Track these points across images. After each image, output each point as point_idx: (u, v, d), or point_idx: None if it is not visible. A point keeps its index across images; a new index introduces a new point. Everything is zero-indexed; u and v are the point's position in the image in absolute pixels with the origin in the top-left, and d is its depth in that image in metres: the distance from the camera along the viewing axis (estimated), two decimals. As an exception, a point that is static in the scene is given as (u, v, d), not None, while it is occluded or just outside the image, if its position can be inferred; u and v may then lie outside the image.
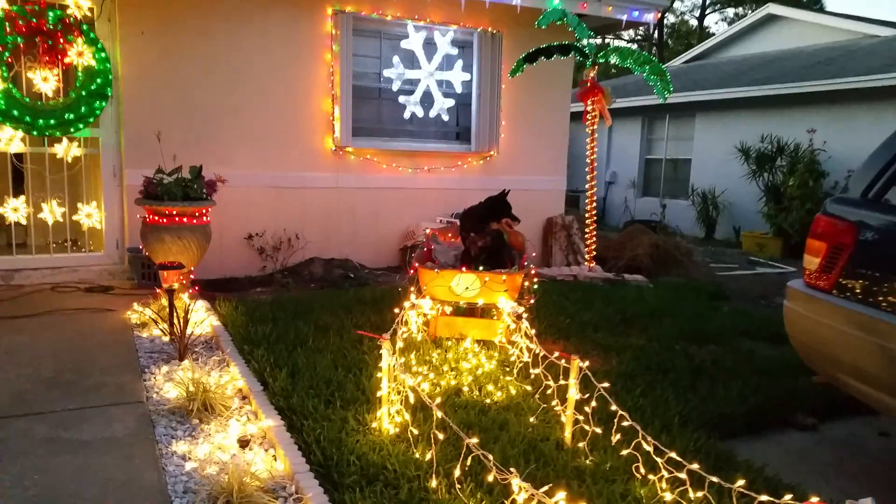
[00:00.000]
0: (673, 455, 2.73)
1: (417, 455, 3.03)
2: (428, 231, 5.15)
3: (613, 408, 3.07)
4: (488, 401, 3.75)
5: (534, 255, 4.70)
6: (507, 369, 4.19)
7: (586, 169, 7.55)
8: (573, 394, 3.24)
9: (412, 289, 4.53)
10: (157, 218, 5.51)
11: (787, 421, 3.97)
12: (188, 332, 4.43)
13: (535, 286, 4.61)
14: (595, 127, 7.39)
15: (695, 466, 2.64)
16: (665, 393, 3.99)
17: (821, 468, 3.47)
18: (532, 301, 4.49)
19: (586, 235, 7.50)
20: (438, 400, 2.87)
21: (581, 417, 3.25)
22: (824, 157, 11.48)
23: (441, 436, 2.84)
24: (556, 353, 3.43)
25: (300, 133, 7.23)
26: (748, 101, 13.21)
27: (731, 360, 4.74)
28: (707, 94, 13.95)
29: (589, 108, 7.35)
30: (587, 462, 3.10)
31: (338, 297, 5.86)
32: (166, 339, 4.67)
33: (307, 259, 7.24)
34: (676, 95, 14.83)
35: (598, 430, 3.19)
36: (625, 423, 3.00)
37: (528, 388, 3.86)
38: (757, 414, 3.90)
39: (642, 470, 2.91)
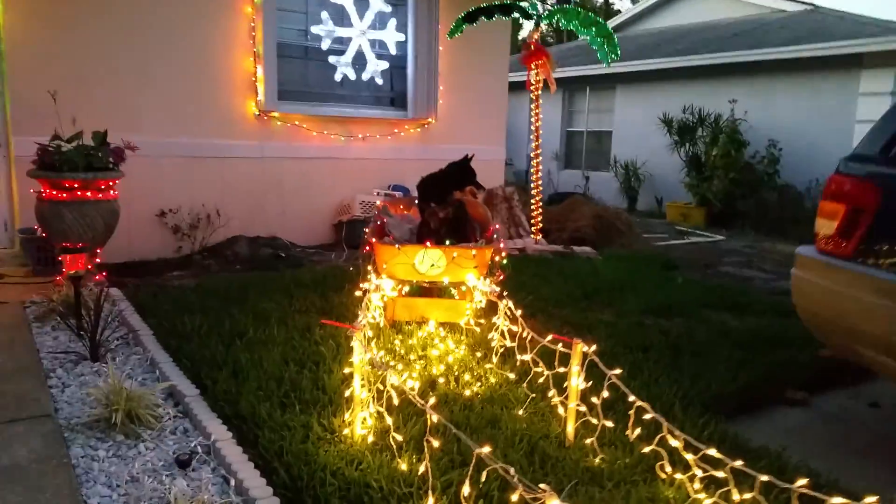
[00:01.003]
0: (711, 451, 2.36)
1: (404, 466, 2.54)
2: (378, 203, 4.60)
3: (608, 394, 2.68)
4: (468, 392, 3.29)
5: (497, 227, 4.25)
6: (480, 355, 3.75)
7: (531, 137, 7.17)
8: (576, 383, 2.83)
9: (369, 268, 3.98)
10: (55, 192, 4.68)
11: (777, 397, 3.74)
12: (100, 326, 3.72)
13: (505, 261, 4.17)
14: (539, 93, 7.00)
15: (738, 463, 2.27)
16: (654, 373, 3.67)
17: (826, 447, 3.24)
18: (502, 277, 4.05)
19: (532, 207, 7.14)
20: (432, 401, 2.38)
21: (584, 409, 2.85)
22: (745, 127, 11.63)
23: (436, 443, 2.35)
24: (550, 336, 3.01)
25: (218, 95, 6.45)
26: (669, 72, 13.23)
27: (705, 334, 4.47)
28: (627, 66, 13.86)
29: (533, 74, 6.93)
30: (597, 462, 2.70)
31: (273, 280, 5.21)
32: (74, 335, 3.92)
33: (230, 238, 6.51)
34: (596, 67, 14.74)
35: (610, 424, 2.80)
36: (645, 417, 2.62)
37: (511, 375, 3.43)
38: (749, 391, 3.65)
39: (668, 469, 2.54)
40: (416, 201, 4.49)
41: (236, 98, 6.54)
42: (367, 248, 4.00)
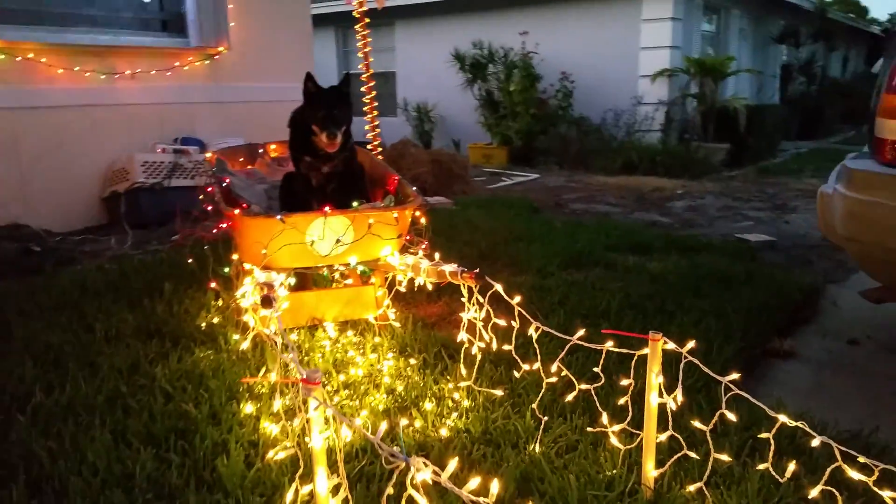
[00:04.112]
0: None
1: None
2: (209, 155, 3.06)
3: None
4: (445, 431, 2.12)
5: (397, 178, 3.06)
6: (416, 363, 2.58)
7: (360, 66, 5.84)
8: (656, 401, 1.81)
9: (234, 255, 2.53)
10: None
11: (763, 349, 3.12)
12: None
13: (425, 223, 2.97)
14: (364, 10, 5.66)
15: None
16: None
17: (864, 405, 2.61)
18: (425, 245, 2.86)
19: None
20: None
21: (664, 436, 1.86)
22: (537, 61, 11.29)
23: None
24: (581, 332, 1.95)
25: None
26: (454, 4, 12.46)
27: (644, 285, 3.73)
28: (405, -1, 12.87)
29: (354, -12, 5.57)
30: (710, 516, 1.73)
31: (41, 290, 3.36)
32: None
33: (-57, 232, 4.39)
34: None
35: (727, 458, 1.83)
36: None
37: (498, 393, 2.30)
38: (745, 349, 2.97)
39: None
40: (281, 150, 3.07)
41: (-77, 20, 4.31)
42: (226, 224, 2.53)
